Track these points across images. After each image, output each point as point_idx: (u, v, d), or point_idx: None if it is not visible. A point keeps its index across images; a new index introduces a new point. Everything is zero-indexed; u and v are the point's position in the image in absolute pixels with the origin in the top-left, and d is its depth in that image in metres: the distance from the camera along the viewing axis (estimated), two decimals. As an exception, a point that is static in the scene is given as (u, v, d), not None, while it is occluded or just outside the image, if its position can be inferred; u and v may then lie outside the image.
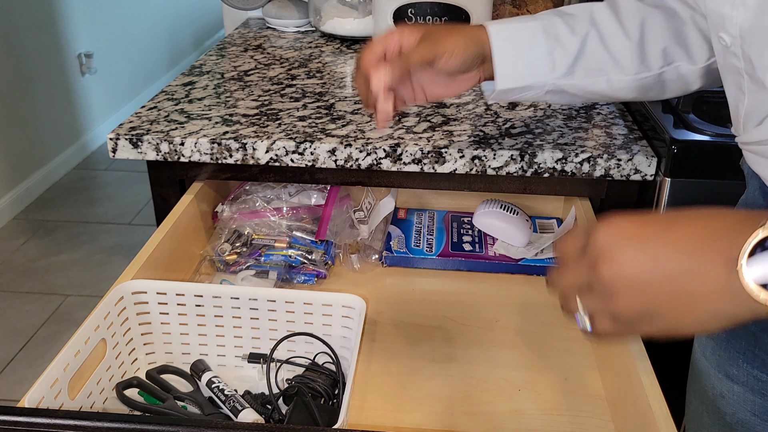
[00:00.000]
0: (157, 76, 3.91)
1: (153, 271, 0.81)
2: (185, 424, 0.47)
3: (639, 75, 0.74)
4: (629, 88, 0.75)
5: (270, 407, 0.69)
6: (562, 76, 0.75)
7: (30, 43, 2.82)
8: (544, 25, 0.74)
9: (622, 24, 0.73)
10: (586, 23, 0.74)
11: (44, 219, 2.74)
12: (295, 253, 0.93)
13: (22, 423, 0.46)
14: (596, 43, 0.74)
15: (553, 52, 0.74)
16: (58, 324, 2.16)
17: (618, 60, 0.74)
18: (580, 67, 0.74)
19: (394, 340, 0.82)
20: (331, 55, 1.29)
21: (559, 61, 0.74)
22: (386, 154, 0.90)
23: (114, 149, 0.94)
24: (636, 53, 0.73)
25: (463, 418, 0.70)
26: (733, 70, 0.56)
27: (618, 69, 0.74)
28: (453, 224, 1.03)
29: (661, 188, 0.89)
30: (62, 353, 0.62)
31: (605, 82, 0.75)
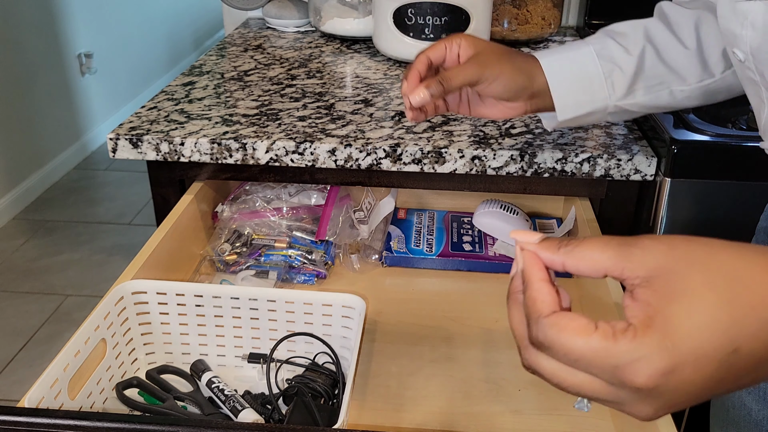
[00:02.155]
0: (157, 76, 3.91)
1: (153, 271, 0.81)
2: (185, 424, 0.47)
3: (702, 82, 0.73)
4: (693, 96, 0.74)
5: (270, 407, 0.69)
6: (622, 97, 0.74)
7: (30, 43, 2.82)
8: (597, 49, 0.73)
9: (676, 34, 0.73)
10: (641, 39, 0.73)
11: (44, 219, 2.74)
12: (295, 253, 0.93)
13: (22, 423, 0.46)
14: (653, 59, 0.73)
15: (611, 75, 0.73)
16: (58, 324, 2.16)
17: (678, 71, 0.73)
18: (641, 86, 0.74)
19: (394, 340, 0.82)
20: (331, 55, 1.29)
21: (618, 83, 0.73)
22: (386, 154, 0.90)
23: (114, 149, 0.94)
24: (696, 61, 0.73)
25: (463, 418, 0.70)
26: (750, 81, 0.57)
27: (679, 80, 0.73)
28: (453, 224, 1.03)
29: (661, 188, 0.89)
30: (62, 353, 0.62)
31: (668, 95, 0.74)
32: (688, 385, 0.34)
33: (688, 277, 0.34)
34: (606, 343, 0.34)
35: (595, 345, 0.34)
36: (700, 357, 0.33)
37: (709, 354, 0.33)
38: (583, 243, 0.38)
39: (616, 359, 0.34)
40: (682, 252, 0.35)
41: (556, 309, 0.37)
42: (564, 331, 0.35)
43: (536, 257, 0.39)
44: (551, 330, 0.36)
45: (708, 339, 0.33)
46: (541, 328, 0.36)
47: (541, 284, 0.38)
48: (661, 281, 0.35)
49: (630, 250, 0.36)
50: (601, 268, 0.37)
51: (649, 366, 0.33)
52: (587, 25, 1.42)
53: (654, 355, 0.33)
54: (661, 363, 0.33)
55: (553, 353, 0.36)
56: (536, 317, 0.37)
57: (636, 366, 0.33)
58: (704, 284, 0.34)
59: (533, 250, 0.39)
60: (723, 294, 0.34)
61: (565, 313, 0.36)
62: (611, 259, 0.36)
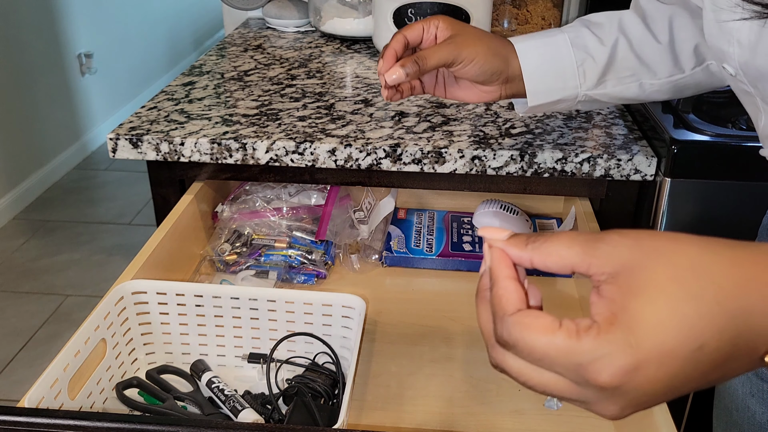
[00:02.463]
0: (157, 76, 3.91)
1: (153, 271, 0.81)
2: (185, 424, 0.47)
3: (672, 77, 0.74)
4: (663, 90, 0.75)
5: (270, 407, 0.69)
6: (593, 86, 0.74)
7: (30, 43, 2.82)
8: (572, 38, 0.74)
9: (650, 28, 0.73)
10: (615, 31, 0.74)
11: (44, 219, 2.74)
12: (295, 253, 0.93)
13: (22, 423, 0.46)
14: (626, 50, 0.73)
15: (583, 64, 0.73)
16: (58, 324, 2.16)
17: (649, 64, 0.73)
18: (612, 76, 0.74)
19: (394, 340, 0.82)
20: (331, 55, 1.29)
21: (590, 73, 0.74)
22: (386, 154, 0.90)
23: (114, 149, 0.94)
24: (667, 56, 0.73)
25: (463, 418, 0.70)
26: (744, 93, 0.57)
27: (650, 73, 0.74)
28: (453, 224, 1.03)
29: (661, 188, 0.89)
30: (62, 353, 0.62)
31: (637, 87, 0.75)
32: (653, 382, 0.33)
33: (653, 272, 0.33)
34: (569, 342, 0.33)
35: (559, 343, 0.34)
36: (664, 354, 0.32)
37: (673, 351, 0.32)
38: (550, 239, 0.37)
39: (579, 357, 0.33)
40: (647, 246, 0.34)
41: (522, 307, 0.37)
42: (528, 329, 0.35)
43: (504, 254, 0.39)
44: (516, 328, 0.35)
45: (673, 335, 0.32)
46: (506, 326, 0.36)
47: (507, 282, 0.38)
48: (626, 276, 0.34)
49: (596, 246, 0.35)
50: (568, 264, 0.36)
51: (612, 364, 0.32)
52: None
53: (617, 352, 0.32)
54: (624, 361, 0.32)
55: (518, 351, 0.35)
56: (501, 315, 0.36)
57: (599, 364, 0.33)
58: (670, 278, 0.33)
59: (501, 247, 0.39)
60: (689, 288, 0.33)
61: (530, 312, 0.36)
62: (578, 255, 0.36)
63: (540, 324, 0.35)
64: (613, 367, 0.32)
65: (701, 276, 0.33)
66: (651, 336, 0.32)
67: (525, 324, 0.35)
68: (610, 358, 0.32)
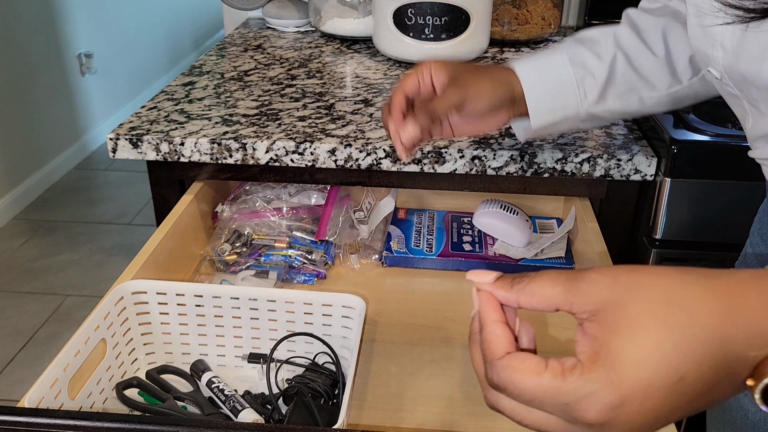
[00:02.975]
0: (157, 76, 3.91)
1: (153, 271, 0.81)
2: (185, 424, 0.47)
3: (671, 89, 0.74)
4: (662, 102, 0.75)
5: (270, 407, 0.69)
6: (594, 103, 0.74)
7: (30, 43, 2.82)
8: (570, 56, 0.74)
9: (645, 42, 0.73)
10: (611, 46, 0.74)
11: (44, 219, 2.74)
12: (295, 253, 0.93)
13: (22, 423, 0.46)
14: (624, 65, 0.74)
15: (583, 82, 0.73)
16: (58, 324, 2.16)
17: (648, 78, 0.74)
18: (612, 92, 0.74)
19: (394, 340, 0.82)
20: (331, 55, 1.29)
21: (590, 89, 0.74)
22: (386, 154, 0.90)
23: (114, 149, 0.94)
24: (665, 68, 0.73)
25: (463, 418, 0.70)
26: (730, 95, 0.58)
27: (649, 86, 0.74)
28: (453, 224, 1.03)
29: (661, 188, 0.89)
30: (62, 353, 0.62)
31: (638, 102, 0.75)
32: (638, 416, 0.34)
33: (631, 307, 0.34)
34: (555, 382, 0.35)
35: (546, 384, 0.35)
36: (646, 388, 0.33)
37: (655, 384, 0.33)
38: (534, 279, 0.38)
39: (565, 397, 0.34)
40: (624, 282, 0.36)
41: (511, 350, 0.38)
42: (516, 372, 0.36)
43: (491, 297, 0.40)
44: (504, 372, 0.36)
45: (653, 369, 0.33)
46: (496, 370, 0.37)
47: (495, 326, 0.39)
48: (606, 314, 0.35)
49: (577, 285, 0.36)
50: (552, 303, 0.37)
51: (597, 402, 0.34)
52: (587, 25, 1.42)
53: (601, 390, 0.34)
54: (608, 398, 0.33)
55: (509, 394, 0.37)
56: (491, 360, 0.38)
57: (585, 402, 0.34)
58: (647, 313, 0.34)
59: (488, 290, 0.40)
60: (665, 322, 0.34)
61: (517, 354, 0.37)
62: (560, 294, 0.37)
63: (527, 366, 0.36)
64: (599, 405, 0.34)
65: (676, 309, 0.34)
66: (632, 372, 0.33)
67: (513, 367, 0.36)
68: (595, 396, 0.34)
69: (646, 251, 0.93)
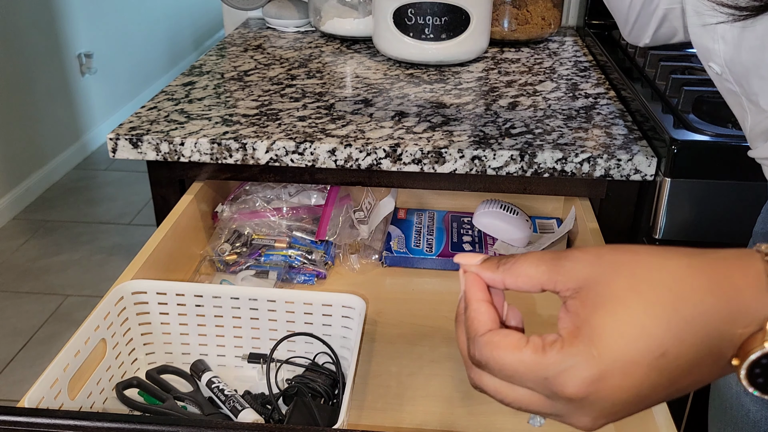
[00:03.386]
0: (157, 76, 3.91)
1: (153, 271, 0.81)
2: (185, 424, 0.47)
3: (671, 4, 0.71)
4: None
5: (270, 407, 0.69)
6: None
7: (30, 43, 2.82)
8: None
9: None
10: None
11: (44, 219, 2.74)
12: (295, 253, 0.93)
13: (22, 423, 0.46)
14: None
15: None
16: (58, 324, 2.16)
17: None
18: None
19: (394, 340, 0.82)
20: (331, 55, 1.29)
21: None
22: (386, 154, 0.90)
23: (114, 149, 0.94)
24: None
25: (463, 418, 0.70)
26: (730, 92, 0.57)
27: None
28: (453, 224, 1.03)
29: (661, 188, 0.89)
30: (62, 353, 0.62)
31: None
32: (619, 391, 0.34)
33: (613, 284, 0.35)
34: (535, 356, 0.35)
35: (526, 359, 0.35)
36: (627, 363, 0.33)
37: (635, 359, 0.33)
38: (519, 260, 0.38)
39: (545, 371, 0.34)
40: (607, 260, 0.36)
41: (493, 327, 0.38)
42: (497, 348, 0.36)
43: (477, 278, 0.41)
44: (486, 348, 0.37)
45: (633, 344, 0.33)
46: (478, 346, 0.37)
47: (478, 304, 0.39)
48: (588, 291, 0.35)
49: (560, 263, 0.37)
50: (537, 282, 0.38)
51: (577, 375, 0.34)
52: (587, 25, 1.42)
53: (580, 364, 0.34)
54: (588, 372, 0.33)
55: (490, 370, 0.37)
56: (473, 336, 0.38)
57: (564, 376, 0.34)
58: (628, 289, 0.34)
59: (475, 271, 0.41)
60: (647, 298, 0.34)
61: (500, 331, 0.37)
62: (545, 273, 0.37)
63: (508, 342, 0.36)
64: (578, 379, 0.34)
65: (657, 285, 0.34)
66: (612, 346, 0.33)
67: (494, 343, 0.36)
68: (574, 369, 0.34)
69: (646, 251, 0.93)
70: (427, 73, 1.19)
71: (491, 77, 1.17)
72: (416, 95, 1.08)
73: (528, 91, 1.11)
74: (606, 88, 1.13)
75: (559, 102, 1.06)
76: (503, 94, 1.09)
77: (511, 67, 1.23)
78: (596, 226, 0.91)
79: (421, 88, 1.12)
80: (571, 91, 1.11)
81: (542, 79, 1.16)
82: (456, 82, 1.15)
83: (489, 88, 1.12)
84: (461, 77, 1.17)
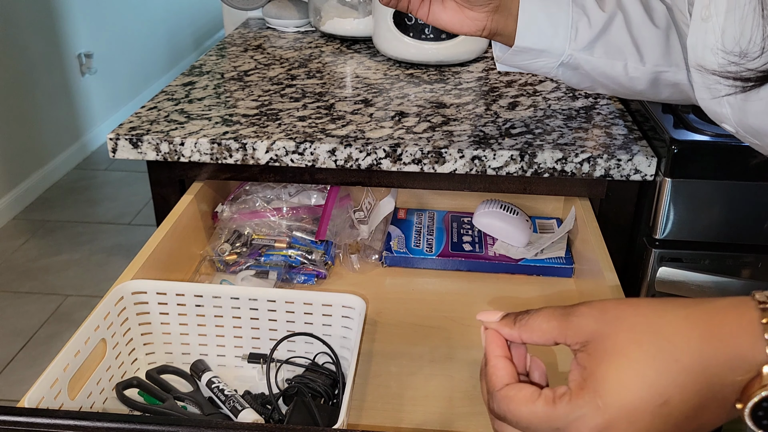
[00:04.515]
0: (157, 76, 3.91)
1: (153, 271, 0.81)
2: (185, 424, 0.47)
3: (657, 67, 0.72)
4: (643, 79, 0.74)
5: (270, 407, 0.69)
6: (581, 49, 0.73)
7: (30, 43, 2.82)
8: None
9: (648, 13, 0.72)
10: (614, 5, 0.73)
11: (44, 219, 2.74)
12: (295, 253, 0.93)
13: (22, 423, 0.46)
14: (621, 26, 0.72)
15: (578, 23, 0.72)
16: (58, 324, 2.16)
17: (640, 47, 0.72)
18: (601, 45, 0.73)
19: (394, 340, 0.82)
20: (331, 55, 1.29)
21: (582, 33, 0.72)
22: (386, 154, 0.90)
23: (114, 149, 0.94)
24: (660, 42, 0.72)
25: (463, 418, 0.70)
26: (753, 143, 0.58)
27: (638, 56, 0.73)
28: (453, 224, 1.03)
29: (661, 188, 0.89)
30: (62, 353, 0.62)
31: (622, 68, 0.73)
32: None
33: (616, 337, 0.37)
34: (547, 408, 0.38)
35: (539, 411, 0.38)
36: (631, 411, 0.36)
37: (639, 408, 0.35)
38: (533, 316, 0.41)
39: (557, 422, 0.37)
40: (611, 314, 0.38)
41: (510, 381, 0.41)
42: (512, 401, 0.39)
43: (496, 335, 0.44)
44: (503, 402, 0.40)
45: (636, 394, 0.36)
46: (496, 400, 0.40)
47: (497, 360, 0.42)
48: (594, 344, 0.38)
49: (569, 319, 0.40)
50: (550, 337, 0.40)
51: (585, 425, 0.36)
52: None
53: (588, 414, 0.36)
54: (594, 421, 0.36)
55: (509, 422, 0.40)
56: (492, 391, 0.41)
57: (574, 426, 0.37)
58: (630, 342, 0.37)
59: (494, 327, 0.44)
60: (648, 349, 0.36)
61: (515, 385, 0.40)
62: (556, 328, 0.40)
63: (522, 395, 0.39)
64: (587, 428, 0.36)
65: (658, 337, 0.37)
66: (616, 396, 0.36)
67: (510, 397, 0.40)
68: (584, 420, 0.36)
69: (646, 251, 0.93)
70: (427, 73, 1.19)
71: (491, 77, 1.17)
72: (416, 95, 1.08)
73: (528, 91, 1.11)
74: (606, 88, 1.13)
75: (559, 102, 1.06)
76: (503, 94, 1.09)
77: (511, 67, 1.23)
78: (596, 226, 0.91)
79: (421, 88, 1.12)
80: (570, 91, 1.11)
81: (542, 79, 1.16)
82: (456, 82, 1.15)
83: (489, 88, 1.12)
84: (461, 77, 1.17)
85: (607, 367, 0.37)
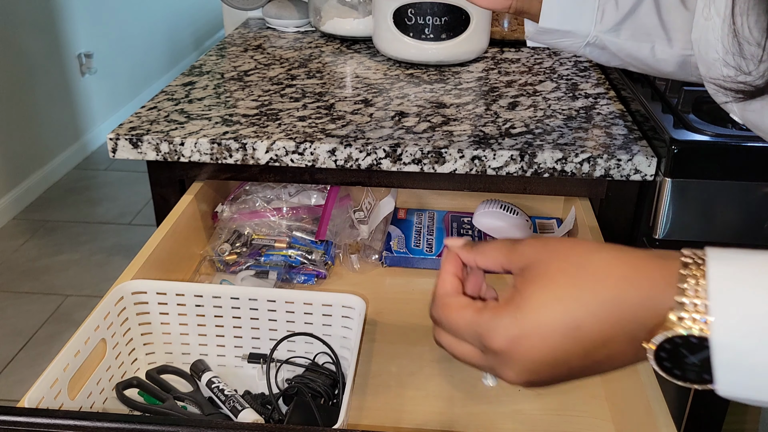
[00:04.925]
0: (157, 76, 3.91)
1: (153, 271, 0.81)
2: (185, 424, 0.47)
3: (686, 51, 0.71)
4: (671, 62, 0.73)
5: (270, 407, 0.69)
6: (607, 30, 0.73)
7: (30, 43, 2.82)
8: None
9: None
10: None
11: (44, 219, 2.74)
12: (295, 253, 0.93)
13: (22, 423, 0.46)
14: (651, 8, 0.72)
15: (605, 5, 0.72)
16: (58, 324, 2.16)
17: (669, 30, 0.72)
18: (628, 27, 0.72)
19: (394, 340, 0.82)
20: (331, 55, 1.29)
21: (609, 15, 0.72)
22: (386, 154, 0.90)
23: (114, 149, 0.94)
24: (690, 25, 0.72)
25: (463, 418, 0.70)
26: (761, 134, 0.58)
27: (666, 40, 0.72)
28: (453, 224, 1.03)
29: (661, 188, 0.89)
30: (62, 353, 0.62)
31: (648, 51, 0.73)
32: (536, 351, 0.40)
33: (548, 266, 0.41)
34: (474, 315, 0.42)
35: (467, 316, 0.43)
36: (544, 329, 0.40)
37: (552, 327, 0.40)
38: (488, 244, 0.46)
39: (479, 328, 0.42)
40: (550, 248, 0.42)
41: (452, 293, 0.46)
42: (447, 307, 0.44)
43: (455, 255, 0.48)
44: (440, 308, 0.45)
45: (552, 314, 0.40)
46: (435, 306, 0.46)
47: (447, 275, 0.47)
48: (529, 269, 0.42)
49: (515, 247, 0.44)
50: (498, 263, 0.45)
51: (501, 333, 0.41)
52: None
53: (506, 324, 0.40)
54: (511, 331, 0.40)
55: (443, 326, 0.45)
56: (434, 298, 0.46)
57: (492, 333, 0.41)
58: (558, 270, 0.41)
59: (455, 250, 0.48)
60: (571, 279, 0.40)
61: (453, 294, 0.45)
62: (503, 254, 0.44)
63: (456, 302, 0.44)
64: (501, 336, 0.41)
65: (584, 270, 0.41)
66: (534, 314, 0.40)
67: (446, 304, 0.45)
68: (500, 328, 0.41)
69: (646, 251, 0.93)
70: (427, 73, 1.19)
71: (491, 77, 1.17)
72: (416, 95, 1.08)
73: (528, 91, 1.11)
74: (606, 88, 1.13)
75: (559, 102, 1.06)
76: (503, 94, 1.09)
77: (511, 67, 1.23)
78: (596, 226, 0.91)
79: (421, 88, 1.12)
80: (571, 91, 1.11)
81: (542, 79, 1.16)
82: (456, 82, 1.15)
83: (489, 88, 1.12)
84: (461, 77, 1.17)
85: (533, 288, 0.41)
